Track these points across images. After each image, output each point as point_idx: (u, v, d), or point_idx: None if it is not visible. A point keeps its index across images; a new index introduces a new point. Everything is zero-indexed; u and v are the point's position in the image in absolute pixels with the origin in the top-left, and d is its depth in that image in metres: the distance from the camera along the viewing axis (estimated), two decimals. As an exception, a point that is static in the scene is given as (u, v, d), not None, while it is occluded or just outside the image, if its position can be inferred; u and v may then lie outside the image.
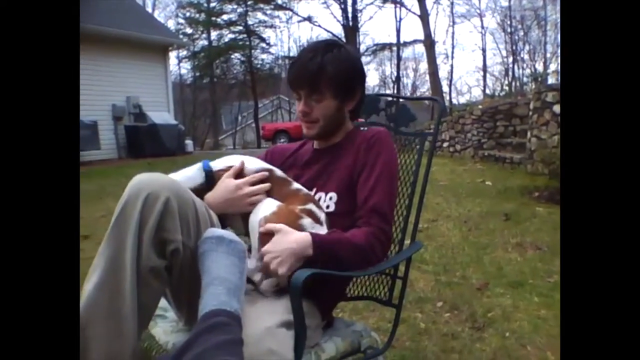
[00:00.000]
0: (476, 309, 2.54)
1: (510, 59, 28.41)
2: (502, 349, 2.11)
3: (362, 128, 1.63)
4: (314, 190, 1.46)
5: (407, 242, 1.64)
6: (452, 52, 35.02)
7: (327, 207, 1.42)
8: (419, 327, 2.36)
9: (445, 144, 9.96)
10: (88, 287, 1.06)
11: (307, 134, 1.50)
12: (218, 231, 1.17)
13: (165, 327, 1.30)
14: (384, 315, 2.44)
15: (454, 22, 32.72)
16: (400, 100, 1.80)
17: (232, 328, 0.98)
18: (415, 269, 3.13)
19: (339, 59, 1.41)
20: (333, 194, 1.42)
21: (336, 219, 1.36)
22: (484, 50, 30.69)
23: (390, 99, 1.78)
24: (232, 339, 0.96)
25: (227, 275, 1.07)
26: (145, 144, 11.90)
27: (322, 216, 1.34)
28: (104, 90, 11.63)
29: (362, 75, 1.49)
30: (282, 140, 17.85)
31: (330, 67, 1.38)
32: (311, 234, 1.25)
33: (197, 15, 25.13)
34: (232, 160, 1.45)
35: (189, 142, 13.80)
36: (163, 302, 1.34)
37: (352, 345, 1.35)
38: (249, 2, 24.20)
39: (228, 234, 1.17)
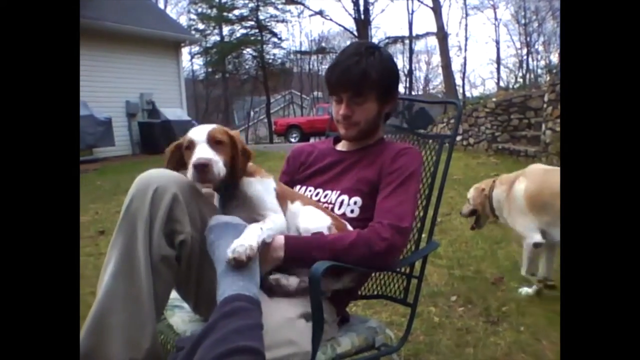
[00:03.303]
0: (490, 303, 2.53)
1: (525, 51, 28.14)
2: (517, 343, 2.10)
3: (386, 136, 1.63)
4: (337, 192, 1.46)
5: (424, 236, 1.64)
6: (466, 45, 34.91)
7: (352, 211, 1.42)
8: (433, 321, 2.36)
9: (459, 138, 9.87)
10: (105, 277, 1.09)
11: (346, 135, 1.52)
12: (223, 218, 1.18)
13: (183, 317, 1.33)
14: (397, 310, 2.44)
15: (467, 14, 32.68)
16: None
17: (252, 312, 0.98)
18: (429, 264, 3.12)
19: (381, 63, 1.43)
20: (358, 199, 1.43)
21: (360, 225, 1.35)
22: (497, 42, 30.63)
23: (407, 102, 1.78)
24: (253, 324, 0.96)
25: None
26: (159, 140, 11.96)
27: None
28: (118, 87, 11.73)
29: (398, 78, 1.53)
30: (294, 135, 17.85)
31: (374, 72, 1.41)
32: (286, 237, 1.24)
33: (209, 11, 25.18)
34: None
35: (202, 138, 13.86)
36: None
37: (366, 341, 1.36)
38: (260, -3, 24.20)
39: (233, 218, 1.18)
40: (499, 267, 3.09)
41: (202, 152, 1.17)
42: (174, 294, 1.36)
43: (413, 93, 27.88)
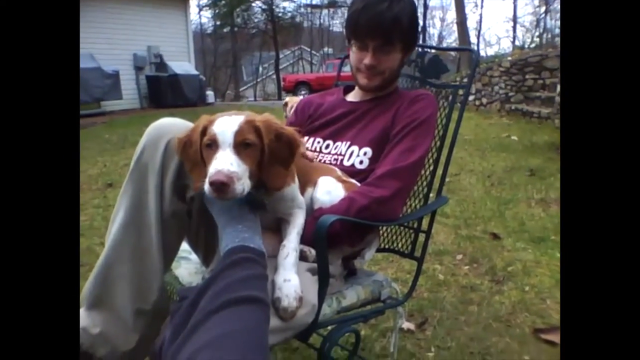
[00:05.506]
0: (496, 263, 2.53)
1: (542, 9, 27.18)
2: (521, 303, 2.11)
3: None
4: (347, 143, 1.43)
5: (432, 195, 1.62)
6: (482, 1, 33.65)
7: (361, 162, 1.39)
8: (438, 278, 2.37)
9: (471, 97, 9.68)
10: (113, 227, 1.08)
11: (368, 85, 1.44)
12: None
13: (190, 269, 1.33)
14: (403, 266, 2.46)
15: (484, -32, 31.26)
16: (432, 51, 1.73)
17: (257, 263, 0.97)
18: (436, 222, 3.11)
19: (409, 8, 1.35)
20: (368, 149, 1.39)
21: (369, 176, 1.33)
22: (514, 0, 29.32)
23: (421, 50, 1.71)
24: (257, 274, 0.95)
25: (244, 213, 1.06)
26: (167, 94, 11.91)
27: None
28: (125, 40, 11.56)
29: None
30: (303, 92, 17.62)
31: (405, 19, 1.33)
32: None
33: (217, -39, 24.41)
34: None
35: (210, 93, 13.77)
36: (187, 245, 1.36)
37: (372, 294, 1.36)
38: (270, -53, 23.35)
39: None
40: (506, 227, 3.08)
41: (223, 162, 0.94)
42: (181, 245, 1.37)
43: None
